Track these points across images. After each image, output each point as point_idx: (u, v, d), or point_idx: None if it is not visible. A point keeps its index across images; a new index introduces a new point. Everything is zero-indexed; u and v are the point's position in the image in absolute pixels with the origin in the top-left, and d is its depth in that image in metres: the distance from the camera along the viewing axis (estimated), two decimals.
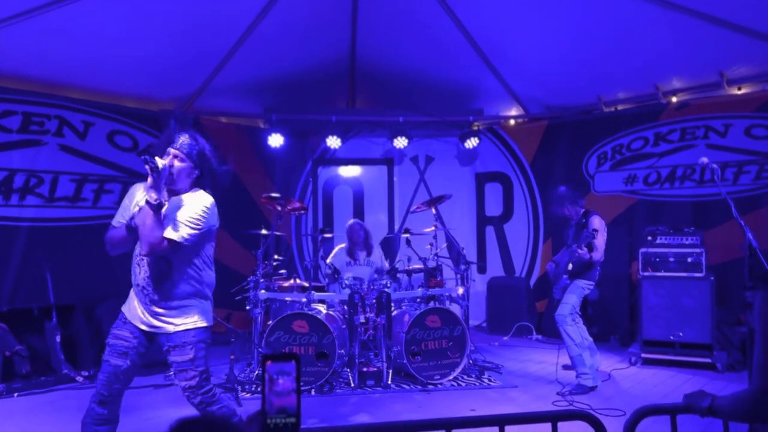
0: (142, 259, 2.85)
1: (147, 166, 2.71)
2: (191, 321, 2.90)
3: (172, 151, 2.88)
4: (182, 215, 2.81)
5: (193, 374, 2.85)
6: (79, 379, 5.37)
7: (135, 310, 2.88)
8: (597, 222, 5.07)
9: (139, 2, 5.52)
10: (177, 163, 2.87)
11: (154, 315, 2.86)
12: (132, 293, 2.93)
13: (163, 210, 2.75)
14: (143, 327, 2.87)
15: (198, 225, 2.83)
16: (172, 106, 7.24)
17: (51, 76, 6.06)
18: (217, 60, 6.72)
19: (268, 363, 1.31)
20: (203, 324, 2.93)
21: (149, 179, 2.73)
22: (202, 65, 6.78)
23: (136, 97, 6.87)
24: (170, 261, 2.85)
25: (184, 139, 2.92)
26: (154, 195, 2.71)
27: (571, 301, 5.07)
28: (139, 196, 2.91)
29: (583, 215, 5.22)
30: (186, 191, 2.92)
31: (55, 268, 5.68)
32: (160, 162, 2.75)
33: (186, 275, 2.89)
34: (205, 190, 2.96)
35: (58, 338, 5.42)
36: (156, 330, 2.87)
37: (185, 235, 2.79)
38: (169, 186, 2.85)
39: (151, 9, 5.63)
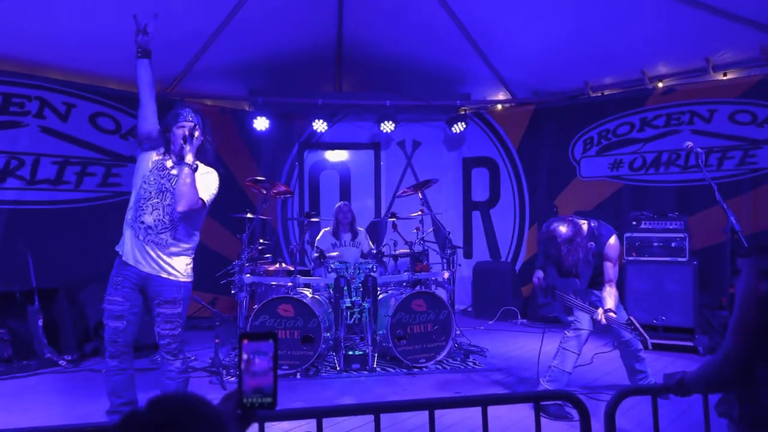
0: (159, 204, 3.28)
1: (187, 134, 3.28)
2: (182, 275, 3.35)
3: (187, 123, 3.35)
4: (203, 181, 3.34)
5: (177, 325, 3.31)
6: (62, 363, 5.33)
7: (132, 251, 3.27)
8: (614, 247, 4.13)
9: None
10: (196, 134, 3.34)
11: (152, 257, 3.26)
12: (126, 230, 3.32)
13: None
14: (145, 270, 3.25)
15: (214, 191, 3.41)
16: (156, 88, 7.11)
17: (31, 56, 5.94)
18: (201, 41, 6.62)
19: (245, 342, 1.29)
20: (190, 280, 3.40)
21: (188, 146, 3.27)
22: (186, 46, 6.68)
23: (118, 78, 6.74)
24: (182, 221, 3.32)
25: (190, 112, 3.42)
26: (191, 158, 3.26)
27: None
28: (150, 159, 3.41)
29: (592, 233, 4.11)
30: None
31: (38, 251, 5.59)
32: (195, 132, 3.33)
33: (190, 229, 3.38)
34: (202, 161, 3.41)
35: (40, 322, 5.36)
36: (155, 273, 3.26)
37: (209, 197, 3.37)
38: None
39: None
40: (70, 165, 6.25)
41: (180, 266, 3.35)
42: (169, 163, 3.38)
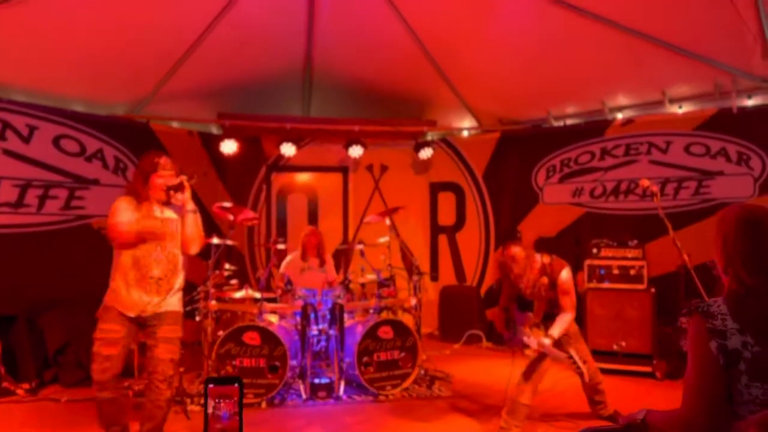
0: (161, 255, 3.49)
1: (187, 184, 3.60)
2: (179, 306, 3.63)
3: (166, 173, 3.59)
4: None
5: (177, 348, 3.53)
6: (20, 392, 5.19)
7: (136, 301, 3.43)
8: (567, 280, 4.16)
9: (89, 5, 5.41)
10: (192, 182, 3.69)
11: (162, 302, 3.49)
12: (129, 289, 3.44)
13: None
14: (145, 314, 3.44)
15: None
16: (123, 110, 7.09)
17: None
18: (169, 64, 6.61)
19: (210, 386, 1.32)
20: (180, 310, 3.68)
21: (187, 194, 3.59)
22: (154, 68, 6.66)
23: (84, 100, 6.69)
24: (181, 259, 3.62)
25: (169, 162, 3.66)
26: (192, 205, 3.63)
27: None
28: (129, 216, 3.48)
29: (544, 269, 4.19)
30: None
31: None
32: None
33: (182, 270, 3.65)
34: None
35: None
36: (157, 312, 3.48)
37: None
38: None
39: (101, 12, 5.51)
40: (32, 188, 6.12)
41: (178, 301, 3.64)
42: (156, 212, 3.58)
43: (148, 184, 3.56)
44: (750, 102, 6.22)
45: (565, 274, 4.18)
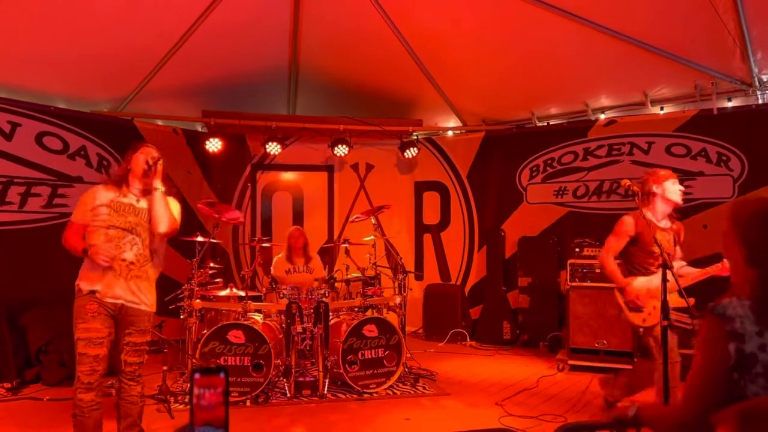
0: (136, 239, 3.37)
1: (150, 162, 3.40)
2: (151, 305, 3.48)
3: (150, 150, 3.49)
4: (170, 205, 3.50)
5: (143, 353, 3.48)
6: (1, 391, 5.15)
7: (113, 284, 3.30)
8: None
9: (72, 2, 5.38)
10: (160, 163, 3.49)
11: (133, 290, 3.36)
12: (102, 272, 3.29)
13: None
14: (121, 301, 3.32)
15: (179, 219, 3.55)
16: (106, 107, 7.04)
17: None
18: (154, 62, 6.58)
19: (196, 376, 1.34)
20: (154, 310, 3.54)
21: (153, 171, 3.41)
22: (139, 66, 6.62)
23: (67, 97, 6.64)
24: (153, 247, 3.46)
25: (151, 145, 3.54)
26: (160, 183, 3.43)
27: None
28: (103, 197, 3.39)
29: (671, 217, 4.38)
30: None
31: None
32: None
33: (156, 261, 3.51)
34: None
35: None
36: (131, 304, 3.36)
37: (179, 220, 3.54)
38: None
39: (84, 8, 5.48)
40: (14, 185, 6.06)
41: (152, 298, 3.49)
42: (130, 198, 3.44)
43: (129, 166, 3.46)
44: (730, 104, 6.33)
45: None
